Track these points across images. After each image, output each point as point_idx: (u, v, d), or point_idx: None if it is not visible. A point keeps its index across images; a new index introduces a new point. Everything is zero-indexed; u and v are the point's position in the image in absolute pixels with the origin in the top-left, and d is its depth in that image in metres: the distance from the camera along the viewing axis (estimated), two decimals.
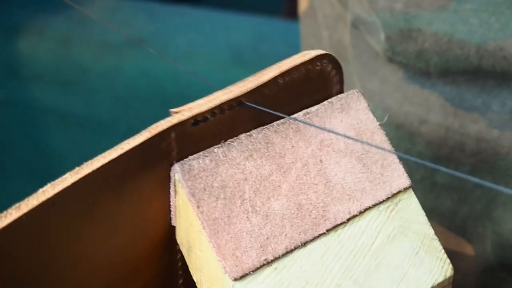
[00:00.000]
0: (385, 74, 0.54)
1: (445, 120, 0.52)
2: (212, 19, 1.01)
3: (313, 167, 0.38)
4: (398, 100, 0.54)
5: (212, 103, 0.36)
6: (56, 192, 0.32)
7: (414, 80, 0.53)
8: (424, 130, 0.53)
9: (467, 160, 0.52)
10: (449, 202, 0.54)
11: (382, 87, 0.54)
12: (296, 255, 0.37)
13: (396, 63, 0.53)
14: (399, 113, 0.54)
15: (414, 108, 0.53)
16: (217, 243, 0.35)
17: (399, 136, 0.54)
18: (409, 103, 0.53)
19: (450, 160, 0.53)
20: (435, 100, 0.52)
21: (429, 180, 0.54)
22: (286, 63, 0.38)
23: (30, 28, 0.97)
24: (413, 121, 0.53)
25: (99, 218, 0.34)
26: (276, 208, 0.37)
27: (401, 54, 0.52)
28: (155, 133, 0.35)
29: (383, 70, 0.54)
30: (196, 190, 0.36)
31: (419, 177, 0.54)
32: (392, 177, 0.40)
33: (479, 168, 0.52)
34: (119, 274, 0.37)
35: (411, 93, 0.53)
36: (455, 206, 0.54)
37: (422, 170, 0.54)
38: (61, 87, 0.97)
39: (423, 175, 0.54)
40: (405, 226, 0.39)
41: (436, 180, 0.54)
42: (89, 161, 0.33)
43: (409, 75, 0.53)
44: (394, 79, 0.54)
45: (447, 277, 0.39)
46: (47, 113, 0.98)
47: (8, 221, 0.31)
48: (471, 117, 0.51)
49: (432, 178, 0.54)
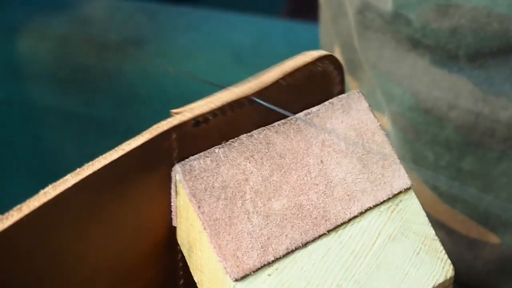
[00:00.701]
0: (413, 59, 0.53)
1: (475, 105, 0.51)
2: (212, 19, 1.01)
3: (314, 167, 0.38)
4: (427, 85, 0.53)
5: (213, 104, 0.36)
6: (57, 193, 0.32)
7: (441, 65, 0.52)
8: (453, 115, 0.52)
9: (497, 146, 0.52)
10: (474, 189, 0.54)
11: (411, 72, 0.54)
12: (297, 256, 0.37)
13: (422, 48, 0.52)
14: (428, 98, 0.53)
15: (443, 93, 0.52)
16: (218, 243, 0.35)
17: (428, 121, 0.53)
18: (438, 88, 0.53)
19: (479, 145, 0.52)
20: (464, 85, 0.51)
21: (455, 167, 0.54)
22: (289, 64, 0.38)
23: (30, 28, 0.97)
24: (442, 106, 0.53)
25: (100, 219, 0.34)
26: (277, 209, 0.37)
27: (432, 34, 0.51)
28: (156, 133, 0.35)
29: (409, 57, 0.53)
30: (197, 190, 0.36)
31: (444, 163, 0.54)
32: (393, 178, 0.40)
33: (508, 155, 0.52)
34: (120, 274, 0.37)
35: (439, 78, 0.52)
36: (480, 194, 0.54)
37: (448, 156, 0.54)
38: (61, 87, 0.97)
39: (449, 161, 0.54)
40: (406, 226, 0.39)
41: (462, 166, 0.53)
42: (90, 162, 0.33)
43: (436, 59, 0.52)
44: (422, 64, 0.53)
45: (448, 278, 0.39)
46: (47, 112, 0.98)
47: (9, 222, 0.31)
48: (501, 103, 0.50)
49: (458, 164, 0.53)
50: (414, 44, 0.53)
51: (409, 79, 0.54)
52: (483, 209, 0.54)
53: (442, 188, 0.55)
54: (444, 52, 0.51)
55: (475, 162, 0.53)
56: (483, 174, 0.53)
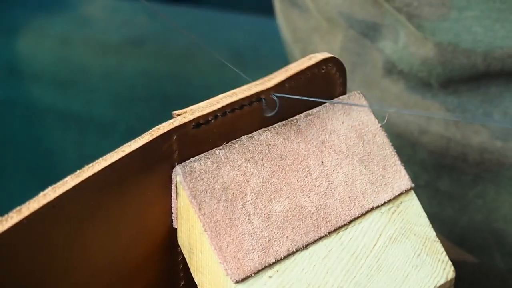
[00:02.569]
0: (385, 85, 0.54)
1: (447, 131, 0.52)
2: (212, 19, 1.01)
3: (315, 169, 0.38)
4: (398, 107, 0.53)
5: (215, 106, 0.36)
6: (57, 195, 0.32)
7: (415, 91, 0.52)
8: (425, 140, 0.53)
9: (471, 169, 0.52)
10: (450, 210, 0.54)
11: (383, 97, 0.54)
12: (297, 257, 0.37)
13: (396, 74, 0.52)
14: (400, 122, 0.53)
15: (414, 117, 0.52)
16: (218, 245, 0.35)
17: (401, 144, 0.54)
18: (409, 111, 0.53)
19: (453, 169, 0.52)
20: (436, 110, 0.52)
21: (433, 186, 0.54)
22: (293, 67, 0.38)
23: (30, 28, 0.97)
24: (413, 130, 0.53)
25: (100, 220, 0.34)
26: (277, 210, 0.37)
27: (408, 58, 0.51)
28: (157, 135, 0.35)
29: (384, 82, 0.54)
30: (197, 192, 0.36)
31: (423, 183, 0.54)
32: (394, 179, 0.40)
33: (483, 178, 0.52)
34: (121, 276, 0.36)
35: (412, 103, 0.52)
36: (456, 215, 0.54)
37: (426, 176, 0.54)
38: (61, 87, 0.96)
39: (426, 181, 0.54)
40: (406, 228, 0.39)
41: (438, 187, 0.54)
42: (91, 164, 0.33)
43: (410, 85, 0.52)
44: (395, 90, 0.53)
45: (449, 279, 0.39)
46: (47, 113, 0.98)
47: (9, 224, 0.31)
48: (473, 128, 0.51)
49: (435, 184, 0.54)
50: (388, 70, 0.53)
51: (380, 103, 0.54)
52: (459, 231, 0.54)
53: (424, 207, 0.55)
54: (418, 79, 0.52)
55: (451, 184, 0.53)
56: (459, 196, 0.53)
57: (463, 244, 0.54)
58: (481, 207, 0.52)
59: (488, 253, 0.53)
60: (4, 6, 0.99)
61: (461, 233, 0.54)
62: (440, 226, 0.54)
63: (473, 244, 0.54)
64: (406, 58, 0.51)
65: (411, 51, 0.51)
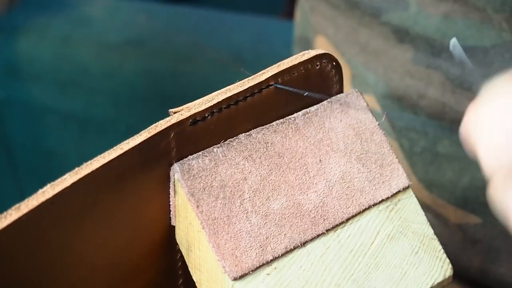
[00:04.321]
0: (393, 54, 0.55)
1: (443, 96, 0.53)
2: (212, 19, 1.01)
3: (313, 167, 0.38)
4: (400, 74, 0.54)
5: (210, 103, 0.36)
6: (55, 192, 0.32)
7: (421, 61, 0.53)
8: (423, 104, 0.54)
9: None
10: (450, 173, 0.54)
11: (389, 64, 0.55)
12: (295, 255, 0.37)
13: (408, 42, 0.53)
14: (399, 85, 0.54)
15: (414, 81, 0.53)
16: (216, 242, 0.35)
17: (402, 106, 0.54)
18: (410, 76, 0.54)
19: (452, 130, 0.53)
20: (437, 77, 0.53)
21: (431, 152, 0.54)
22: (285, 62, 0.38)
23: (30, 28, 0.97)
24: (412, 94, 0.54)
25: (98, 218, 0.34)
26: (275, 208, 0.37)
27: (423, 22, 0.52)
28: (154, 133, 0.35)
29: (392, 52, 0.54)
30: (195, 189, 0.36)
31: (419, 149, 0.54)
32: (391, 177, 0.40)
33: None
34: (119, 273, 0.37)
35: (415, 70, 0.53)
36: (456, 177, 0.54)
37: (424, 142, 0.54)
38: (61, 87, 0.97)
39: (424, 147, 0.54)
40: (404, 225, 0.39)
41: (438, 150, 0.54)
42: (89, 161, 0.33)
43: (418, 56, 0.53)
44: (402, 59, 0.54)
45: (447, 277, 0.39)
46: (47, 113, 0.98)
47: (8, 222, 0.31)
48: (469, 95, 0.51)
49: (434, 148, 0.54)
50: (400, 38, 0.53)
51: (385, 69, 0.55)
52: (460, 192, 0.55)
53: (418, 174, 0.55)
54: (428, 47, 0.52)
55: (451, 145, 0.54)
56: (459, 156, 0.54)
57: (466, 205, 0.55)
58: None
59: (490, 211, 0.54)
60: None
61: (462, 194, 0.55)
62: (441, 190, 0.55)
63: (476, 204, 0.54)
64: (421, 21, 0.52)
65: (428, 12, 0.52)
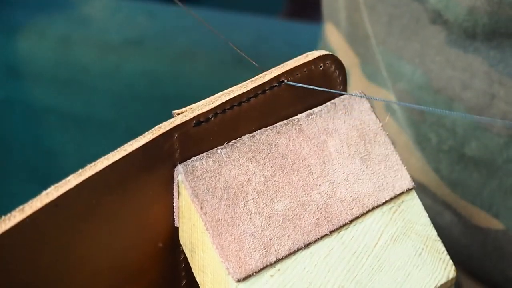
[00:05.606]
0: (426, 36, 0.53)
1: (490, 87, 0.51)
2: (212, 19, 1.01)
3: (316, 168, 0.38)
4: (440, 64, 0.52)
5: (214, 104, 0.36)
6: (59, 194, 0.32)
7: (456, 44, 0.52)
8: (467, 96, 0.52)
9: (506, 131, 0.51)
10: (477, 175, 0.53)
11: (423, 50, 0.53)
12: (299, 257, 0.37)
13: (440, 25, 0.52)
14: (441, 77, 0.52)
15: (457, 73, 0.52)
16: (220, 244, 0.35)
17: (436, 101, 0.53)
18: (452, 67, 0.52)
19: (487, 129, 0.52)
20: (479, 65, 0.51)
21: (458, 152, 0.53)
22: (289, 63, 0.38)
23: (30, 28, 0.97)
24: (455, 86, 0.52)
25: (102, 219, 0.34)
26: (279, 209, 0.37)
27: (453, 8, 0.50)
28: (158, 134, 0.35)
29: (425, 32, 0.53)
30: (199, 191, 0.36)
31: (447, 147, 0.53)
32: (395, 178, 0.40)
33: None
34: (123, 275, 0.37)
35: (454, 58, 0.52)
36: (483, 180, 0.53)
37: (452, 141, 0.53)
38: (61, 87, 0.97)
39: (451, 146, 0.53)
40: (408, 227, 0.39)
41: (464, 152, 0.53)
42: (92, 163, 0.33)
43: (451, 38, 0.51)
44: (436, 42, 0.52)
45: (450, 279, 0.39)
46: (47, 113, 0.98)
47: (12, 223, 0.31)
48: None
49: (462, 149, 0.53)
50: (433, 19, 0.52)
51: (421, 57, 0.53)
52: (486, 195, 0.54)
53: (444, 172, 0.54)
54: (461, 30, 0.51)
55: (480, 148, 0.52)
56: (488, 160, 0.53)
57: (490, 208, 0.54)
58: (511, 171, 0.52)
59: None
60: (4, 6, 0.99)
61: (488, 197, 0.54)
62: (465, 191, 0.54)
63: (501, 208, 0.53)
64: (452, 7, 0.50)
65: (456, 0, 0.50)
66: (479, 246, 0.55)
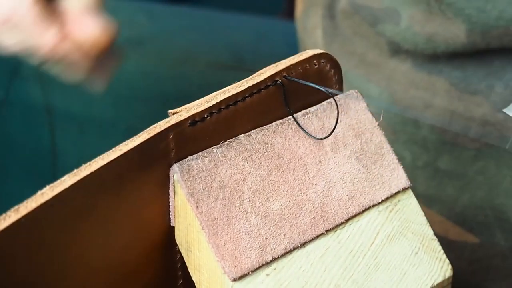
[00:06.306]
0: (393, 64, 0.55)
1: (451, 104, 0.53)
2: (212, 19, 1.01)
3: (312, 167, 0.38)
4: (404, 85, 0.54)
5: (209, 104, 0.36)
6: (54, 194, 0.32)
7: (422, 68, 0.53)
8: (429, 114, 0.54)
9: (472, 144, 0.53)
10: (451, 189, 0.55)
11: (391, 74, 0.55)
12: (295, 256, 0.37)
13: (403, 53, 0.54)
14: (405, 97, 0.54)
15: (419, 92, 0.54)
16: (216, 243, 0.35)
17: (404, 121, 0.55)
18: (416, 88, 0.54)
19: (454, 144, 0.53)
20: (441, 85, 0.53)
21: (432, 167, 0.55)
22: (283, 62, 0.38)
23: None
24: (418, 105, 0.54)
25: (98, 219, 0.34)
26: (275, 209, 0.37)
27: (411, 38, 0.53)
28: (153, 134, 0.35)
29: (391, 62, 0.55)
30: (195, 190, 0.36)
31: (421, 163, 0.55)
32: (391, 178, 0.40)
33: (484, 153, 0.53)
34: (119, 275, 0.37)
35: (418, 79, 0.54)
36: (456, 193, 0.54)
37: (426, 156, 0.54)
38: (61, 87, 0.97)
39: (426, 161, 0.55)
40: (404, 226, 0.39)
41: (439, 166, 0.54)
42: (88, 163, 0.33)
43: (417, 63, 0.54)
44: (403, 68, 0.54)
45: (446, 278, 0.39)
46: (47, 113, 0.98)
47: (7, 223, 0.31)
48: (476, 100, 0.52)
49: (435, 164, 0.54)
50: (395, 50, 0.54)
51: (387, 80, 0.55)
52: (459, 210, 0.55)
53: (419, 189, 0.55)
54: (424, 56, 0.53)
55: (452, 162, 0.54)
56: (460, 173, 0.54)
57: (464, 223, 0.55)
58: (482, 183, 0.53)
59: (489, 230, 0.54)
60: None
61: (461, 211, 0.55)
62: (440, 207, 0.55)
63: (474, 222, 0.55)
64: (409, 38, 0.53)
65: (415, 30, 0.52)
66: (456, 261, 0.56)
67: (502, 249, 0.54)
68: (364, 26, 0.56)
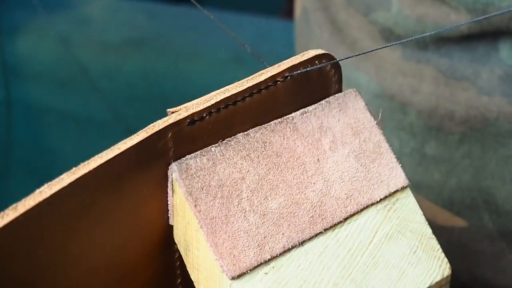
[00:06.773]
0: (383, 54, 0.56)
1: (437, 89, 0.54)
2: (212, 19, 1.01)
3: (311, 166, 0.38)
4: (392, 73, 0.55)
5: (208, 103, 0.36)
6: (52, 192, 0.32)
7: (411, 57, 0.54)
8: (416, 100, 0.55)
9: (457, 128, 0.54)
10: (437, 174, 0.55)
11: (379, 64, 0.56)
12: (293, 254, 0.37)
13: (394, 39, 0.55)
14: (393, 84, 0.55)
15: (407, 79, 0.55)
16: (214, 242, 0.35)
17: (392, 107, 0.56)
18: (403, 74, 0.55)
19: (440, 129, 0.54)
20: (429, 72, 0.54)
21: (419, 152, 0.56)
22: (285, 63, 0.38)
23: (30, 28, 0.97)
24: (405, 91, 0.55)
25: (96, 218, 0.34)
26: (273, 207, 0.37)
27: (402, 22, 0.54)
28: (152, 132, 0.35)
29: (381, 51, 0.56)
30: (193, 189, 0.36)
31: (408, 150, 0.56)
32: (390, 176, 0.40)
33: (469, 136, 0.53)
34: (117, 274, 0.37)
35: (407, 67, 0.55)
36: (444, 178, 0.55)
37: (413, 142, 0.55)
38: (61, 87, 0.97)
39: (413, 147, 0.56)
40: (402, 225, 0.39)
41: (425, 152, 0.55)
42: (86, 161, 0.33)
43: (406, 52, 0.55)
44: (392, 58, 0.55)
45: (445, 276, 0.39)
46: (47, 113, 0.98)
47: (5, 222, 0.31)
48: (462, 85, 0.53)
49: (422, 150, 0.55)
50: (387, 37, 0.55)
51: (376, 69, 0.56)
52: (447, 194, 0.55)
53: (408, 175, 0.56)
54: (414, 43, 0.54)
55: (438, 147, 0.55)
56: (446, 158, 0.55)
57: (452, 207, 0.56)
58: (468, 167, 0.54)
59: (477, 213, 0.55)
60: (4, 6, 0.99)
61: (449, 196, 0.56)
62: (428, 192, 0.56)
63: (462, 206, 0.55)
64: (401, 21, 0.54)
65: (406, 14, 0.53)
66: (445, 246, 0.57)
67: (490, 232, 0.55)
68: (358, 17, 0.57)
